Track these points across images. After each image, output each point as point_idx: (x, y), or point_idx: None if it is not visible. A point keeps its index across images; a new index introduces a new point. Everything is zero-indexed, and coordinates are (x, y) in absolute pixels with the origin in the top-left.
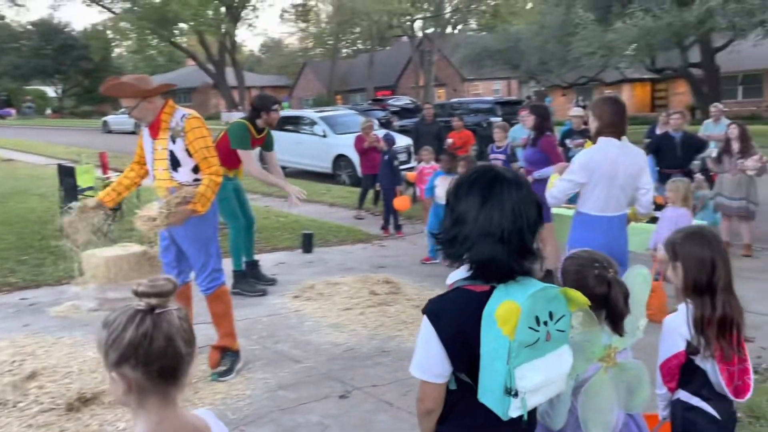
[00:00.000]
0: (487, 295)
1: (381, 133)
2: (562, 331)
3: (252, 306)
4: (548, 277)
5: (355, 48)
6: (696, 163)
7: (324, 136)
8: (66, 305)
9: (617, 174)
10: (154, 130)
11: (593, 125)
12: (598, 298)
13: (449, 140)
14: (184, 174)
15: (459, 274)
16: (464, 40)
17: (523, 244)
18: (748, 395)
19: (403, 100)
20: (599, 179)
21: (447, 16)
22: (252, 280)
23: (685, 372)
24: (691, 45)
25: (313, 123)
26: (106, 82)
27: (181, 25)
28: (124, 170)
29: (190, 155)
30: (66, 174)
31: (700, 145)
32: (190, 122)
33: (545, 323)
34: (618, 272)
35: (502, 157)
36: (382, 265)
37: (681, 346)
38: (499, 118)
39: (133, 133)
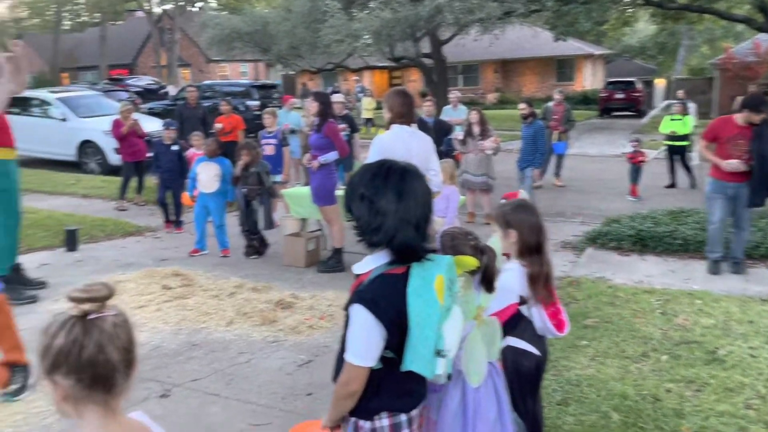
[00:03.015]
0: (406, 275)
1: (141, 117)
2: (457, 292)
3: (25, 315)
4: (336, 255)
5: (80, 21)
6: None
7: (63, 119)
8: None
9: (411, 157)
10: None
11: (386, 115)
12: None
13: (218, 125)
14: None
15: (371, 262)
16: (211, 20)
17: (426, 229)
18: (566, 330)
19: (144, 80)
20: None
21: None
22: (17, 286)
23: (511, 321)
24: (422, 37)
25: (46, 104)
26: None
27: None
28: None
29: None
30: None
31: (449, 128)
32: None
33: (451, 288)
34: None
35: (273, 141)
36: (164, 257)
37: (514, 300)
38: (256, 102)
39: None
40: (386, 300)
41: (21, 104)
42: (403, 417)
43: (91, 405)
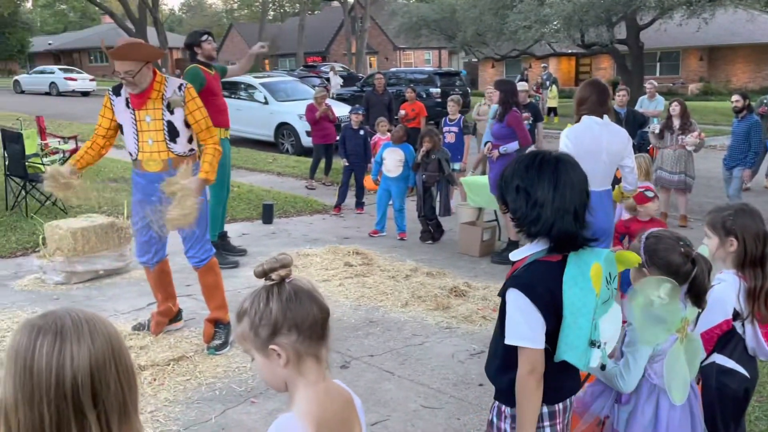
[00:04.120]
0: (562, 263)
1: (331, 102)
2: (615, 289)
3: (227, 278)
4: (512, 246)
5: (282, 11)
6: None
7: (265, 103)
8: (30, 278)
9: (600, 150)
10: (141, 99)
11: (576, 106)
12: (682, 275)
13: (402, 111)
14: (182, 145)
15: (528, 249)
16: (401, 9)
17: (584, 217)
18: None
19: (335, 67)
20: (583, 155)
21: None
22: (223, 252)
23: (722, 337)
24: (618, 21)
25: (252, 89)
26: (122, 44)
27: None
28: (62, 136)
29: (187, 125)
30: (11, 140)
31: (644, 120)
32: (190, 92)
33: (609, 282)
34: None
35: (455, 129)
36: (346, 236)
37: (729, 315)
38: (438, 89)
39: (47, 93)
40: (542, 285)
41: (231, 88)
42: (545, 409)
43: (310, 359)
